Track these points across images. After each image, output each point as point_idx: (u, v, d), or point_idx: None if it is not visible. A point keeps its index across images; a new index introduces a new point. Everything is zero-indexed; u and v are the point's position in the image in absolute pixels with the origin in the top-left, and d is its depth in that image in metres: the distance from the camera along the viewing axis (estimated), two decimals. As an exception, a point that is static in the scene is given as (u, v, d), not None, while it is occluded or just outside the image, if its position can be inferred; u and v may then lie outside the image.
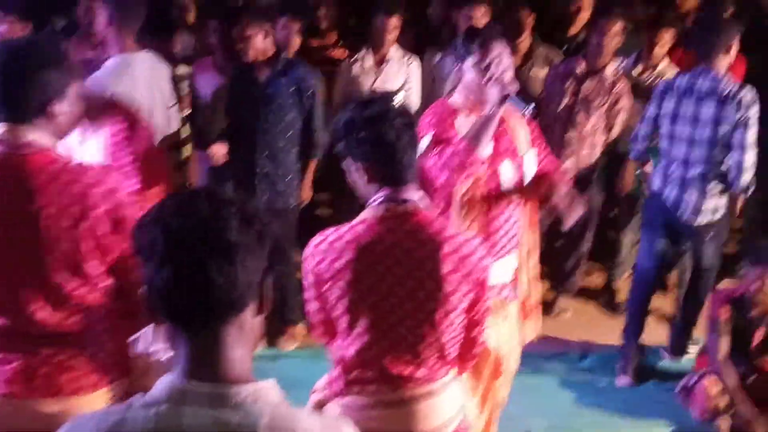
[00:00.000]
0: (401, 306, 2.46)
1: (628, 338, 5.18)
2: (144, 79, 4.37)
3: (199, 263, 1.45)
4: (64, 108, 2.44)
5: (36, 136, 2.38)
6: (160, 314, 1.51)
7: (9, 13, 4.77)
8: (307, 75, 4.91)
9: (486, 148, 3.28)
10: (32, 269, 2.36)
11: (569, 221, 3.58)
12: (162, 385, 1.49)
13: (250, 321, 1.54)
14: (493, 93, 3.28)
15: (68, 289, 2.39)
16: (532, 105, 3.30)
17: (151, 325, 2.78)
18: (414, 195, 2.51)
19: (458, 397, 2.65)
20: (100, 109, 3.39)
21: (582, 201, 3.57)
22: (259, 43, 4.76)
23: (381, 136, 2.45)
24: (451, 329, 2.51)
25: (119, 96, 4.19)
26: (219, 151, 5.04)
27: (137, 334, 2.70)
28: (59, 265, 2.36)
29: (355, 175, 2.56)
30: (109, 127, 3.40)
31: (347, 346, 2.54)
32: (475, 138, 3.24)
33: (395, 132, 2.45)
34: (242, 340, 1.53)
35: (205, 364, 1.49)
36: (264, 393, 1.49)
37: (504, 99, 3.26)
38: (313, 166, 5.09)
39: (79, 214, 2.34)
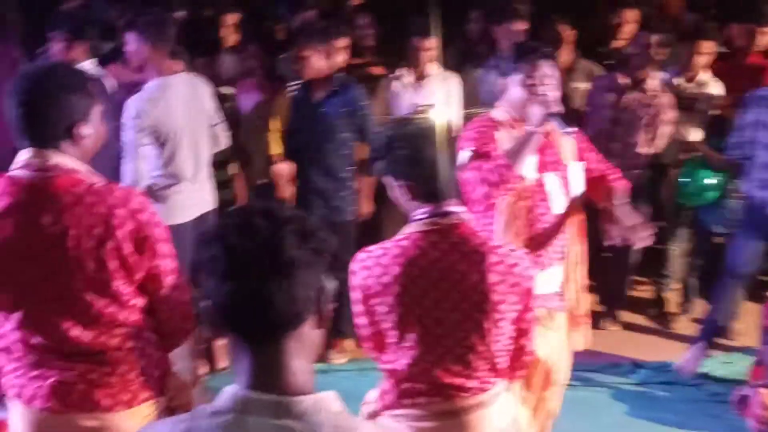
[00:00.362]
0: (449, 318, 2.47)
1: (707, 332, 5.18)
2: (182, 100, 4.49)
3: (260, 280, 1.49)
4: (88, 130, 2.48)
5: (61, 159, 2.42)
6: (221, 328, 1.57)
7: (62, 33, 4.90)
8: (360, 95, 5.06)
9: (526, 165, 3.29)
10: (62, 289, 2.40)
11: (616, 232, 3.54)
12: (226, 395, 1.53)
13: (310, 334, 1.58)
14: (536, 111, 3.28)
15: (98, 307, 2.43)
16: (575, 128, 3.30)
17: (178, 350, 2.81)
18: (456, 208, 2.53)
19: (510, 408, 2.66)
20: None
21: (637, 214, 3.53)
22: (315, 64, 4.93)
23: (421, 154, 2.48)
24: (500, 339, 2.52)
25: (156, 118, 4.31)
26: (284, 169, 5.20)
27: (171, 353, 2.73)
28: (87, 284, 2.40)
29: (397, 191, 2.58)
30: None
31: (398, 359, 2.55)
32: (515, 154, 3.25)
33: (435, 149, 2.47)
34: (302, 352, 1.56)
35: (268, 375, 1.52)
36: (325, 403, 1.52)
37: (548, 117, 3.26)
38: (371, 182, 5.18)
39: (104, 234, 2.37)
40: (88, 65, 4.93)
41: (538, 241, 3.40)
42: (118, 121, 4.35)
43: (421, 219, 2.53)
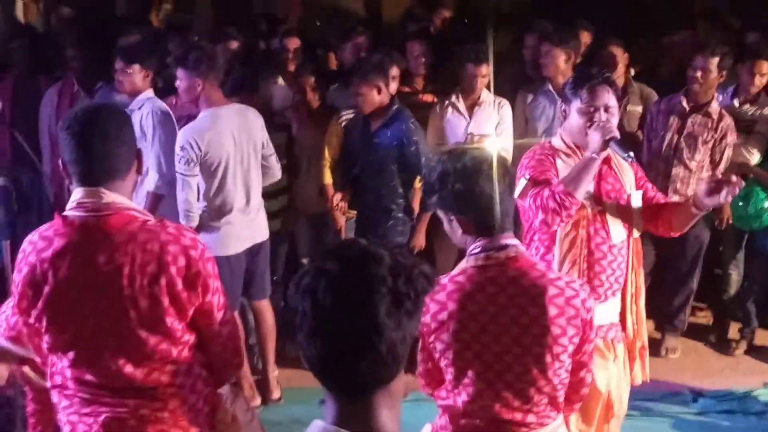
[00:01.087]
0: (509, 353, 2.44)
1: None
2: (232, 131, 4.57)
3: (348, 343, 1.50)
4: (135, 166, 2.52)
5: (114, 197, 2.43)
6: (317, 377, 1.56)
7: (131, 64, 5.03)
8: (411, 128, 5.05)
9: (584, 191, 3.24)
10: (116, 326, 2.42)
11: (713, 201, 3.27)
12: (315, 429, 1.54)
13: (398, 383, 1.58)
14: (596, 137, 3.25)
15: (151, 344, 2.44)
16: (632, 153, 3.26)
17: (226, 387, 2.81)
18: (512, 241, 2.51)
19: None
20: None
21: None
22: (373, 99, 5.00)
23: (475, 188, 2.45)
24: (560, 373, 2.49)
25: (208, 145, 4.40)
26: (337, 199, 5.34)
27: (221, 389, 2.74)
28: (141, 321, 2.42)
29: (451, 226, 2.57)
30: None
31: (456, 395, 2.53)
32: (574, 180, 3.21)
33: (489, 182, 2.45)
34: (390, 401, 1.56)
35: (354, 420, 1.53)
36: None
37: (607, 144, 3.23)
38: (426, 217, 5.15)
39: (157, 271, 2.39)
40: (149, 95, 5.04)
41: (596, 272, 3.36)
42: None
43: (476, 253, 2.51)
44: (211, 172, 4.57)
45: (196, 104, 4.65)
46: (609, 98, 3.34)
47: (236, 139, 4.62)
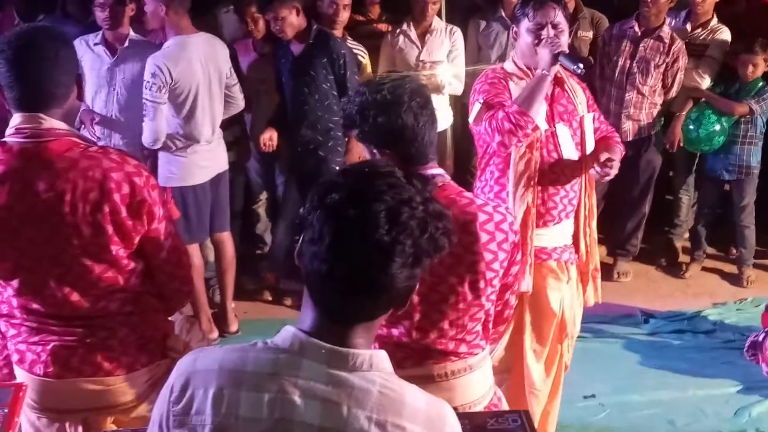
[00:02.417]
0: (444, 283, 2.38)
1: None
2: (199, 59, 4.53)
3: (355, 278, 1.49)
4: (75, 92, 2.44)
5: (53, 122, 2.36)
6: (307, 287, 1.55)
7: None
8: (338, 45, 4.97)
9: (539, 110, 3.23)
10: (60, 255, 2.37)
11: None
12: (286, 334, 1.53)
13: (382, 319, 1.59)
14: (544, 53, 3.23)
15: (96, 272, 2.40)
16: (582, 65, 3.25)
17: (179, 316, 2.79)
18: (436, 171, 2.43)
19: (490, 373, 2.60)
20: None
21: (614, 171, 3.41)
22: (293, 21, 4.86)
23: (400, 122, 2.35)
24: (492, 297, 2.46)
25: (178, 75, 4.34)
26: (268, 138, 5.21)
27: (173, 317, 2.72)
28: (85, 249, 2.37)
29: (374, 158, 2.44)
30: None
31: (390, 327, 2.45)
32: (527, 99, 3.19)
33: (413, 116, 2.35)
34: (370, 331, 1.57)
35: (330, 336, 1.52)
36: (378, 361, 1.53)
37: (556, 57, 3.21)
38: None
39: (100, 198, 2.33)
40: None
41: (550, 193, 3.37)
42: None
43: None
44: (179, 101, 4.52)
45: (164, 32, 4.57)
46: (556, 15, 3.31)
47: (204, 68, 4.57)
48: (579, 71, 3.23)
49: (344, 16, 5.28)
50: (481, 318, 2.46)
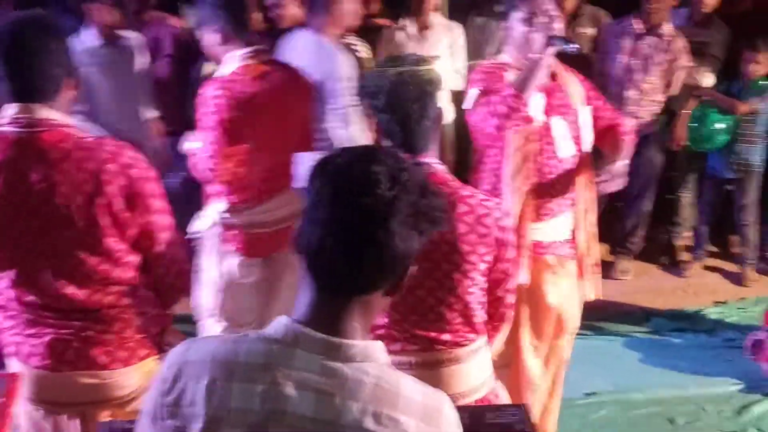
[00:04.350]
0: (420, 267, 2.35)
1: None
2: None
3: (351, 245, 1.47)
4: (72, 83, 2.42)
5: (49, 113, 2.34)
6: (301, 261, 1.53)
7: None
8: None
9: (534, 94, 3.21)
10: (54, 247, 2.35)
11: (607, 189, 3.54)
12: (278, 324, 1.51)
13: (379, 300, 1.56)
14: (537, 37, 3.23)
15: (91, 265, 2.38)
16: (577, 45, 3.24)
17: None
18: (428, 159, 2.43)
19: (487, 366, 2.58)
20: None
21: (624, 178, 3.50)
22: (295, 11, 4.78)
23: (398, 107, 2.38)
24: (473, 291, 2.44)
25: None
26: None
27: (170, 311, 2.70)
28: (79, 241, 2.35)
29: (375, 133, 2.49)
30: None
31: None
32: (522, 83, 3.18)
33: (416, 106, 2.37)
34: (367, 313, 1.54)
35: (325, 321, 1.50)
36: (372, 352, 1.51)
37: (549, 41, 3.20)
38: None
39: (94, 190, 2.31)
40: None
41: (546, 187, 3.35)
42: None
43: None
44: None
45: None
46: (547, 3, 3.31)
47: None
48: (572, 50, 3.22)
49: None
50: (460, 309, 2.44)
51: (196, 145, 3.55)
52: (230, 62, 3.51)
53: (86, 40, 4.69)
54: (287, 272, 3.69)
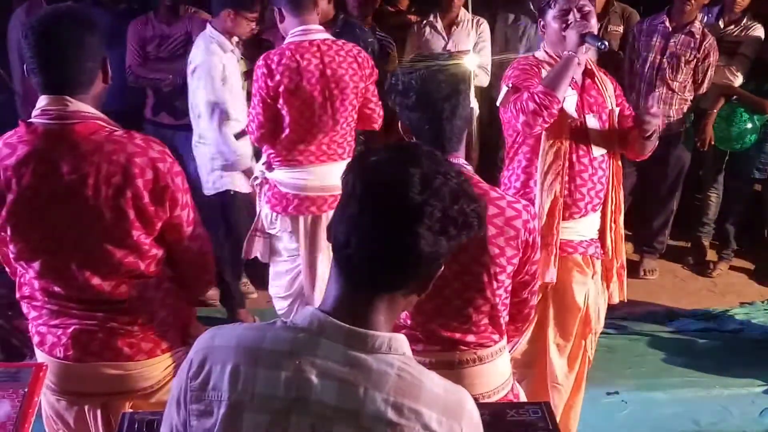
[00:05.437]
0: (447, 270, 2.32)
1: None
2: None
3: (381, 245, 1.48)
4: (101, 77, 2.42)
5: (79, 105, 2.35)
6: (334, 255, 1.56)
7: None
8: (365, 34, 4.91)
9: (564, 90, 3.18)
10: (81, 238, 2.36)
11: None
12: (305, 313, 1.53)
13: (406, 298, 1.58)
14: (571, 35, 3.21)
15: (117, 257, 2.39)
16: (606, 42, 3.22)
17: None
18: (456, 161, 2.39)
19: (508, 367, 2.57)
20: None
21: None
22: (324, 7, 4.77)
23: (428, 104, 2.36)
24: (500, 293, 2.43)
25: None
26: None
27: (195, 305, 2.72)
28: (106, 234, 2.36)
29: (403, 131, 2.48)
30: None
31: None
32: (553, 80, 3.16)
33: (446, 101, 2.36)
34: (392, 309, 1.55)
35: (351, 313, 1.51)
36: (398, 344, 1.51)
37: (583, 39, 3.18)
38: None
39: (123, 183, 2.32)
40: None
41: (577, 184, 3.33)
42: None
43: None
44: None
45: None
46: (582, 1, 3.30)
47: None
48: (603, 47, 3.19)
49: (367, 6, 5.28)
50: (487, 311, 2.43)
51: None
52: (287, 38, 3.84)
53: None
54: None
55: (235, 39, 4.51)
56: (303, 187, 3.92)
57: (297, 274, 4.09)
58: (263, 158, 3.99)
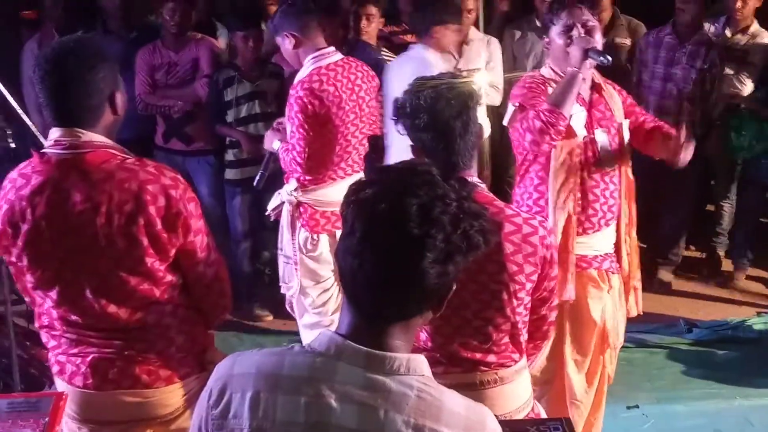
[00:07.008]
0: (465, 290, 2.32)
1: None
2: None
3: (384, 274, 1.48)
4: (109, 109, 2.43)
5: (91, 135, 2.37)
6: (342, 285, 1.56)
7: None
8: (370, 55, 4.92)
9: (570, 107, 3.18)
10: (96, 266, 2.37)
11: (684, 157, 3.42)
12: (322, 338, 1.53)
13: (420, 319, 1.57)
14: (575, 50, 3.21)
15: (132, 285, 2.40)
16: (609, 57, 3.22)
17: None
18: (470, 179, 2.41)
19: (528, 386, 2.56)
20: None
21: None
22: (333, 28, 4.83)
23: (438, 123, 2.36)
24: (520, 311, 2.42)
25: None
26: None
27: (211, 331, 2.71)
28: (120, 262, 2.37)
29: (414, 153, 2.46)
30: None
31: (418, 332, 2.41)
32: (558, 96, 3.17)
33: (458, 123, 2.36)
34: (407, 332, 1.55)
35: (367, 339, 1.51)
36: (416, 365, 1.51)
37: (587, 54, 3.18)
38: None
39: (135, 210, 2.33)
40: None
41: (589, 200, 3.34)
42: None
43: None
44: None
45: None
46: (583, 14, 3.32)
47: None
48: (606, 62, 3.20)
49: (371, 26, 5.30)
50: (507, 330, 2.42)
51: (277, 145, 3.99)
52: (306, 65, 3.87)
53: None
54: None
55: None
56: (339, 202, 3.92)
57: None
58: (292, 183, 3.98)
